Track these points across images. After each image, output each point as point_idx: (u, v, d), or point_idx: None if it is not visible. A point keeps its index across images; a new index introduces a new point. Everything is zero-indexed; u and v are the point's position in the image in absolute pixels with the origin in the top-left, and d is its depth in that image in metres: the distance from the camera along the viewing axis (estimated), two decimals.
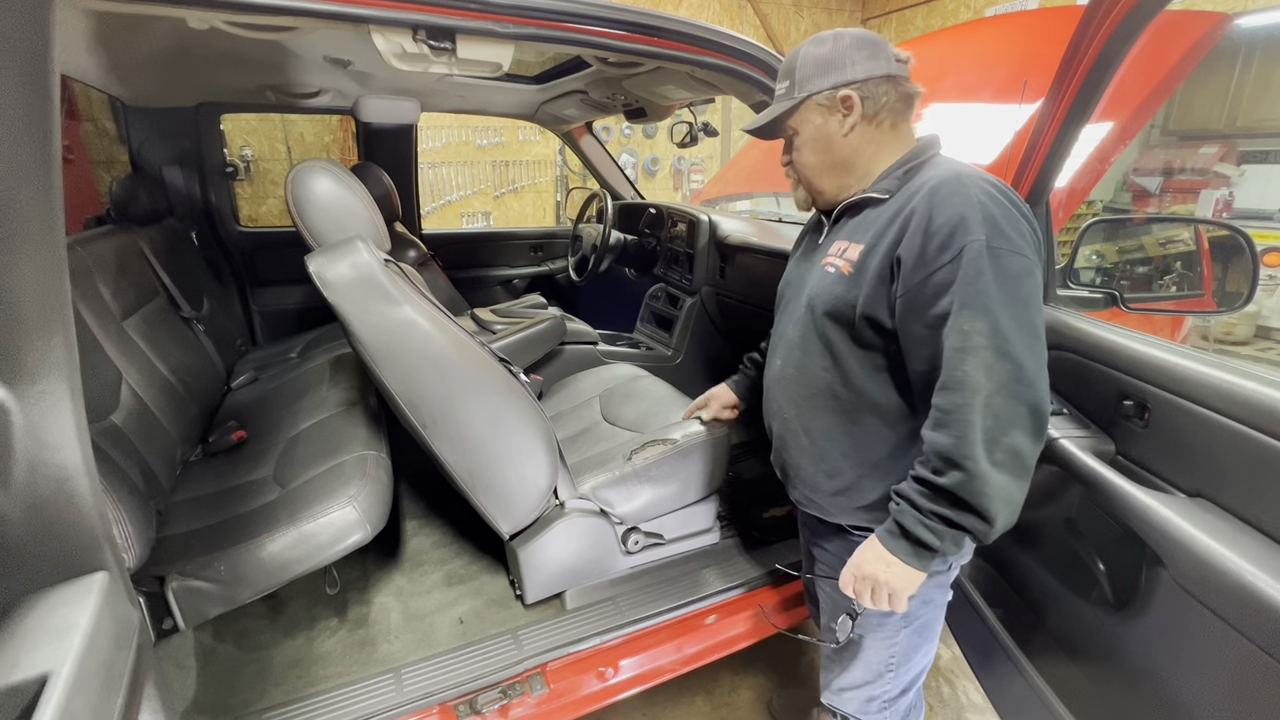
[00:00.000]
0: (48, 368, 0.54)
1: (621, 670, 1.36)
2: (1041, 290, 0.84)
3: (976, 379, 0.78)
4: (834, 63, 0.92)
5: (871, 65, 0.91)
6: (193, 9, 0.98)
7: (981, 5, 5.55)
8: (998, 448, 0.78)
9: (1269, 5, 4.15)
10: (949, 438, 0.80)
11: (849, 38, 0.93)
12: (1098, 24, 1.04)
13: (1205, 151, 5.10)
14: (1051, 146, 1.17)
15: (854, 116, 0.92)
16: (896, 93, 0.92)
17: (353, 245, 1.17)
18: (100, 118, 3.78)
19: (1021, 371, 0.78)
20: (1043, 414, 0.80)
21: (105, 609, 0.54)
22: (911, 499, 0.85)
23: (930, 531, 0.83)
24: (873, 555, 0.90)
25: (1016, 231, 0.81)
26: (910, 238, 0.84)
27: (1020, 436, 0.79)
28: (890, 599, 0.90)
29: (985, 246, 0.79)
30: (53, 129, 0.52)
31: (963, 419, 0.79)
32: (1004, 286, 0.79)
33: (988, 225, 0.80)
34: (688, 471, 1.50)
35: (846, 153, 0.95)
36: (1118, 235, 2.29)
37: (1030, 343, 0.80)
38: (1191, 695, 0.88)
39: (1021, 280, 0.80)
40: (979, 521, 0.80)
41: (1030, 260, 0.81)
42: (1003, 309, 0.78)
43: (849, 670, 1.12)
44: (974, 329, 0.78)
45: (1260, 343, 4.71)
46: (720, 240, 2.33)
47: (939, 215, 0.82)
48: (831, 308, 0.94)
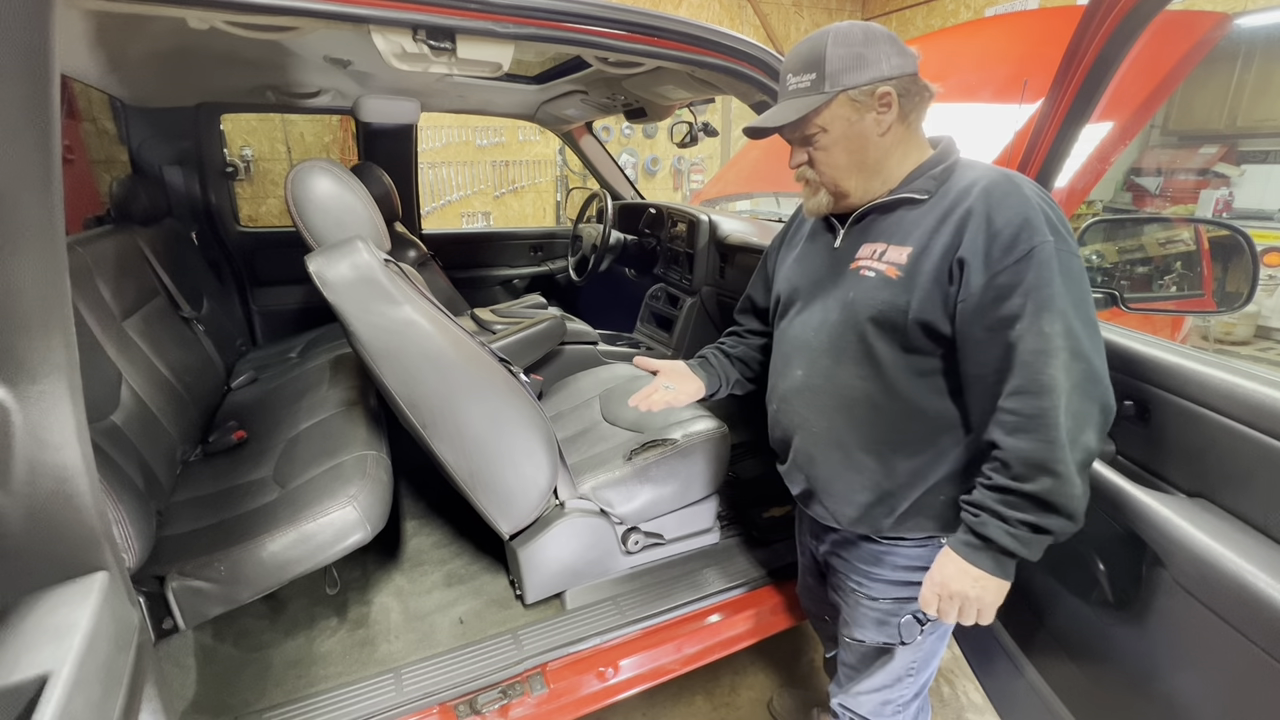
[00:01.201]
0: (48, 368, 0.54)
1: (621, 670, 1.36)
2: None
3: (1060, 381, 0.78)
4: (869, 57, 0.85)
5: (903, 61, 0.87)
6: (193, 9, 0.98)
7: (981, 5, 5.55)
8: (1077, 448, 0.79)
9: (1269, 5, 4.15)
10: (1036, 442, 0.79)
11: (879, 32, 0.87)
12: (1098, 24, 1.04)
13: (1205, 151, 5.10)
14: (1051, 146, 1.17)
15: (891, 115, 0.87)
16: (924, 92, 0.90)
17: (353, 245, 1.17)
18: (100, 118, 3.78)
19: (1093, 370, 0.80)
20: (1111, 411, 0.82)
21: (105, 609, 0.54)
22: (993, 509, 0.83)
23: (1016, 540, 0.82)
24: (957, 570, 0.86)
25: (1072, 235, 0.83)
26: (972, 238, 0.82)
27: (1092, 435, 0.80)
28: (979, 613, 0.88)
29: (1055, 249, 0.79)
30: (53, 129, 0.52)
31: (1049, 423, 0.78)
32: (1071, 288, 0.79)
33: (1050, 225, 0.80)
34: (688, 471, 1.50)
35: (879, 153, 0.90)
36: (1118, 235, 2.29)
37: (1097, 341, 0.81)
38: (1191, 695, 0.88)
39: (1083, 280, 0.82)
40: (1066, 523, 0.80)
41: (1081, 259, 0.83)
42: (1073, 310, 0.79)
43: (871, 675, 1.12)
44: (1054, 331, 0.78)
45: (1260, 343, 4.71)
46: (720, 240, 2.33)
47: (999, 215, 0.81)
48: (878, 313, 0.89)
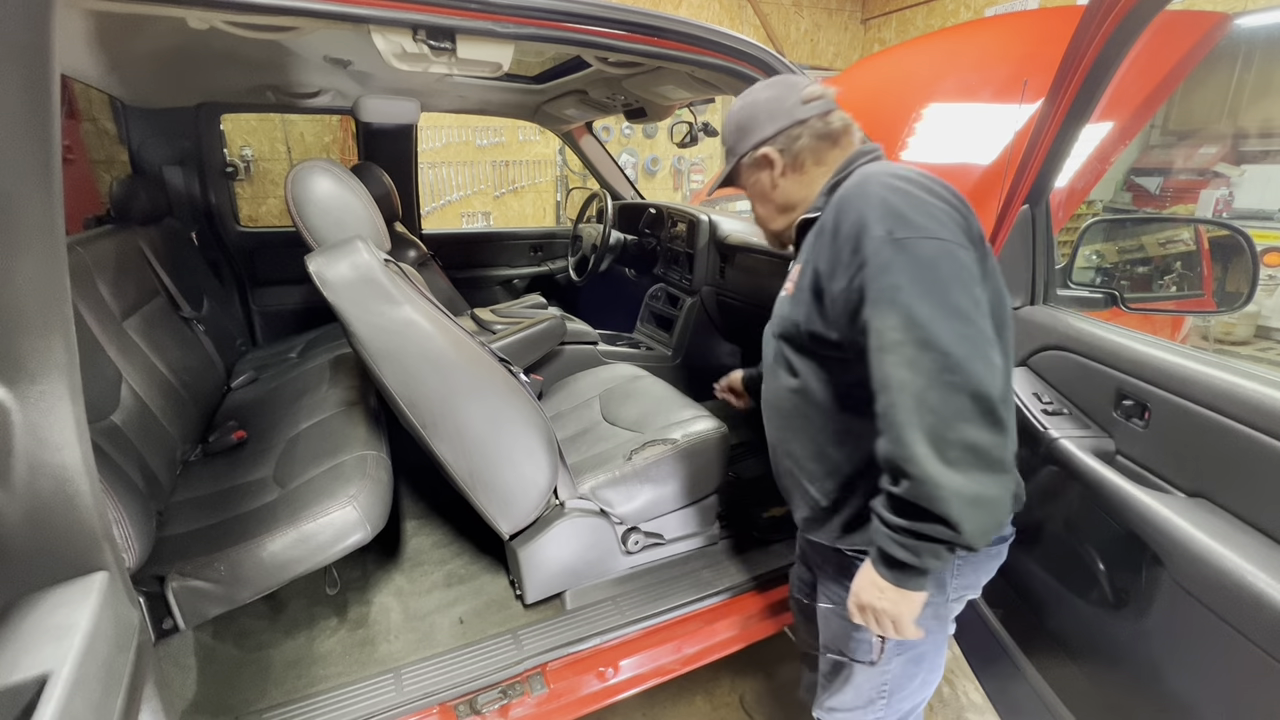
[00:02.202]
0: (48, 368, 0.54)
1: (621, 670, 1.36)
2: (971, 269, 0.78)
3: (900, 376, 0.75)
4: (747, 126, 0.99)
5: (780, 119, 0.96)
6: (193, 9, 0.98)
7: (981, 5, 5.55)
8: (948, 445, 0.72)
9: (1269, 5, 4.15)
10: (888, 444, 0.77)
11: (756, 93, 1.00)
12: (1098, 24, 1.04)
13: (1205, 151, 5.10)
14: (1051, 146, 1.17)
15: (777, 169, 0.98)
16: (810, 134, 0.96)
17: (353, 245, 1.17)
18: (100, 118, 3.78)
19: (950, 359, 0.73)
20: (988, 398, 0.73)
21: (105, 609, 0.54)
22: (881, 515, 0.81)
23: (903, 548, 0.78)
24: (866, 582, 0.86)
25: (925, 216, 0.78)
26: (822, 249, 0.87)
27: (971, 429, 0.72)
28: (895, 626, 0.85)
29: (887, 239, 0.77)
30: (53, 129, 0.52)
31: (895, 420, 0.75)
32: (916, 275, 0.75)
33: (888, 217, 0.78)
34: (688, 471, 1.50)
35: (782, 198, 1.01)
36: (1118, 235, 2.29)
37: (957, 327, 0.74)
38: (1191, 695, 0.89)
39: (937, 264, 0.76)
40: (945, 529, 0.74)
41: (946, 241, 0.77)
42: (917, 298, 0.75)
43: (840, 693, 1.10)
44: (886, 325, 0.76)
45: (1260, 343, 4.71)
46: (720, 240, 2.33)
47: (843, 221, 0.83)
48: (782, 329, 0.98)
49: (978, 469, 0.73)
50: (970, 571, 1.01)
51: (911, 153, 2.44)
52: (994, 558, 1.02)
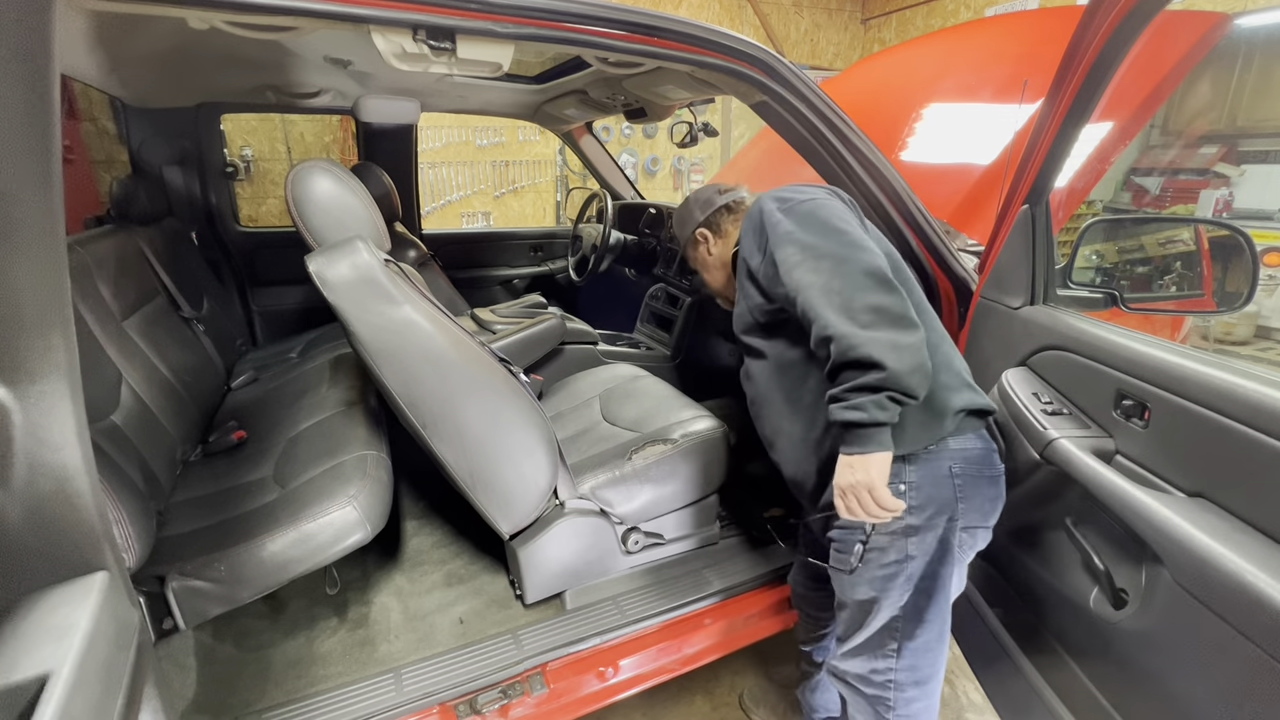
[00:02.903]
0: (48, 368, 0.53)
1: (621, 670, 1.36)
2: (841, 210, 1.05)
3: (807, 279, 0.96)
4: (684, 219, 1.38)
5: (703, 210, 1.35)
6: (193, 9, 0.98)
7: (981, 5, 5.55)
8: (857, 311, 0.91)
9: (1269, 5, 4.14)
10: (815, 329, 0.94)
11: (691, 200, 1.39)
12: (1098, 24, 1.04)
13: (1205, 151, 5.10)
14: (1051, 146, 1.17)
15: (709, 242, 1.35)
16: (726, 212, 1.34)
17: (353, 245, 1.17)
18: (100, 118, 3.78)
19: (840, 255, 0.96)
20: (878, 271, 0.94)
21: (105, 609, 0.54)
22: (830, 395, 0.96)
23: (851, 408, 0.91)
24: (840, 467, 0.97)
25: (798, 192, 1.09)
26: (743, 247, 1.16)
27: (869, 294, 0.92)
28: (872, 495, 0.94)
29: (776, 209, 1.06)
30: (53, 129, 0.52)
31: (813, 308, 0.94)
32: (800, 221, 1.03)
33: (775, 200, 1.09)
34: (688, 471, 1.50)
35: (717, 260, 1.35)
36: (1118, 235, 2.29)
37: (838, 238, 0.99)
38: (1191, 695, 0.89)
39: (814, 210, 1.04)
40: (875, 372, 0.89)
41: (819, 199, 1.06)
42: (804, 232, 1.01)
43: (854, 637, 1.13)
44: (788, 255, 1.00)
45: (1260, 343, 4.71)
46: None
47: (749, 224, 1.14)
48: (742, 326, 1.20)
49: (886, 324, 0.90)
50: (974, 495, 1.05)
51: (911, 153, 2.44)
52: (990, 482, 1.08)
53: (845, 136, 1.36)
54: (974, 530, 1.08)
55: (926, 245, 1.45)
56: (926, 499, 1.03)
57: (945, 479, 1.04)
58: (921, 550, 1.05)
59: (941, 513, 1.04)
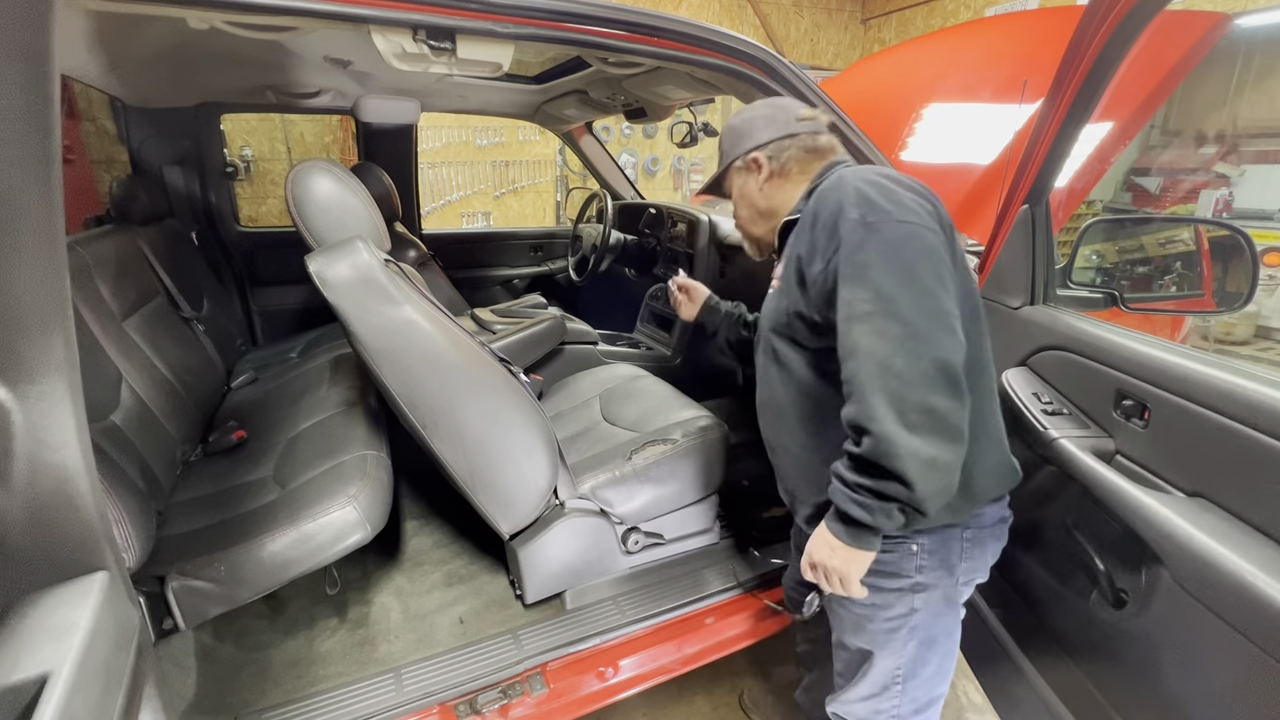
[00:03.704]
0: (48, 368, 0.53)
1: (621, 670, 1.36)
2: (937, 251, 0.84)
3: (868, 343, 0.81)
4: (744, 132, 1.09)
5: (774, 129, 1.06)
6: (193, 9, 0.98)
7: (981, 5, 5.55)
8: (908, 408, 0.78)
9: (1269, 5, 4.14)
10: (853, 404, 0.82)
11: (755, 110, 1.11)
12: (1098, 24, 1.04)
13: (1205, 151, 5.10)
14: (1051, 146, 1.17)
15: (764, 174, 1.07)
16: (799, 147, 1.06)
17: (353, 245, 1.17)
18: (100, 118, 3.78)
19: (915, 329, 0.79)
20: (950, 368, 0.79)
21: (105, 609, 0.54)
22: (840, 474, 0.86)
23: (858, 506, 0.83)
24: (819, 540, 0.91)
25: (895, 204, 0.85)
26: (803, 238, 0.95)
27: (932, 395, 0.78)
28: (841, 582, 0.90)
29: (860, 223, 0.85)
30: (53, 129, 0.52)
31: (860, 383, 0.81)
32: (884, 253, 0.82)
33: (861, 204, 0.86)
34: (688, 471, 1.50)
35: (765, 203, 1.09)
36: (1118, 235, 2.29)
37: (921, 301, 0.81)
38: (1191, 695, 0.89)
39: (905, 244, 0.83)
40: (899, 487, 0.79)
41: (915, 224, 0.84)
42: (885, 275, 0.81)
43: (857, 684, 1.11)
44: (856, 297, 0.83)
45: (1260, 343, 4.71)
46: (720, 240, 2.33)
47: (821, 211, 0.91)
48: (774, 322, 1.04)
49: (935, 433, 0.78)
50: (977, 554, 1.02)
51: (911, 153, 2.44)
52: (997, 538, 1.05)
53: (845, 136, 1.36)
54: (971, 581, 1.06)
55: None
56: (938, 562, 1.00)
57: (956, 542, 1.00)
58: (927, 605, 1.02)
59: (950, 574, 1.01)
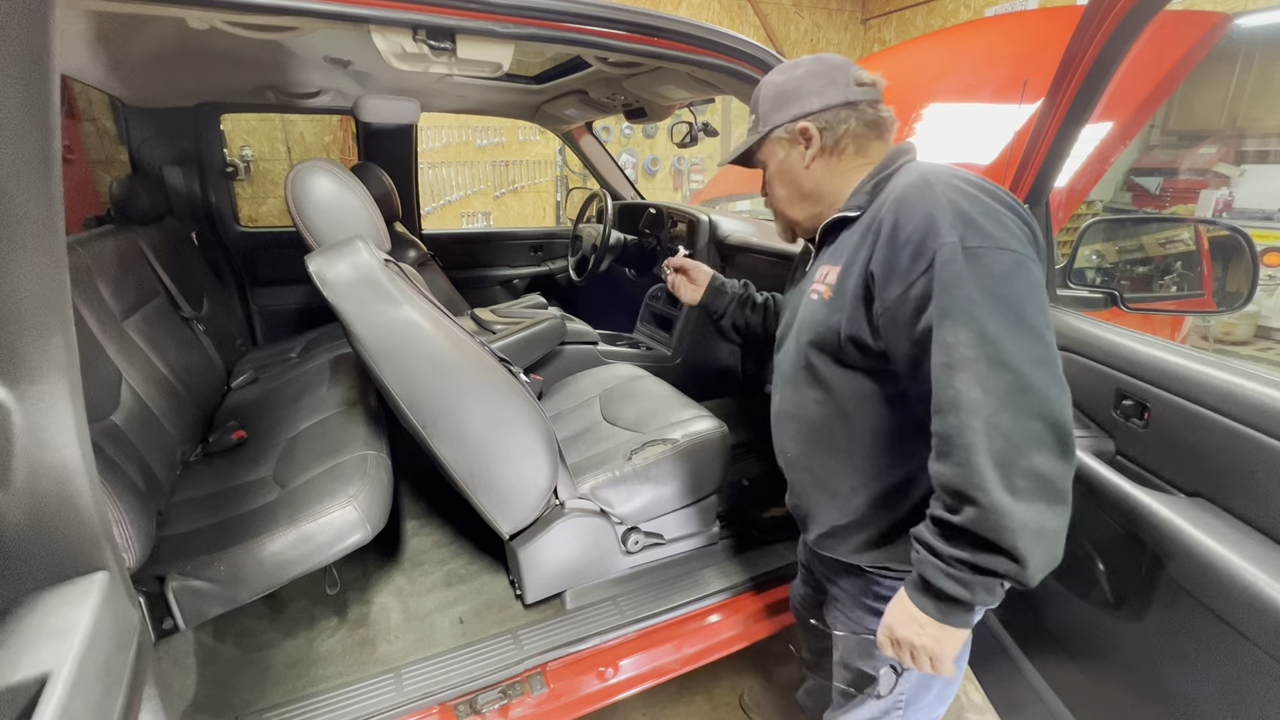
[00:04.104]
0: (48, 368, 0.53)
1: (621, 670, 1.36)
2: (1042, 286, 0.73)
3: (971, 396, 0.69)
4: (791, 94, 0.90)
5: (829, 94, 0.88)
6: (193, 9, 0.98)
7: (981, 5, 5.55)
8: (1016, 473, 0.68)
9: (1269, 5, 4.14)
10: (952, 467, 0.71)
11: (805, 66, 0.91)
12: (1098, 24, 1.04)
13: (1205, 151, 5.10)
14: (1051, 146, 1.17)
15: (813, 149, 0.90)
16: (858, 119, 0.89)
17: (353, 245, 1.17)
18: (100, 118, 3.78)
19: (1025, 381, 0.68)
20: (1063, 426, 0.69)
21: (105, 609, 0.54)
22: (930, 544, 0.74)
23: (955, 581, 0.72)
24: (903, 614, 0.80)
25: (998, 225, 0.73)
26: (880, 251, 0.79)
27: (1042, 457, 0.68)
28: (933, 663, 0.79)
29: (960, 248, 0.71)
30: (53, 129, 0.52)
31: (964, 444, 0.69)
32: (989, 288, 0.70)
33: (961, 224, 0.72)
34: (688, 471, 1.50)
35: (811, 184, 0.93)
36: (1118, 235, 2.29)
37: (1032, 347, 0.69)
38: (1191, 695, 0.88)
39: (1011, 278, 0.70)
40: (1008, 563, 0.69)
41: (1020, 254, 0.72)
42: (990, 313, 0.69)
43: (860, 706, 1.08)
44: (958, 340, 0.70)
45: (1260, 343, 4.71)
46: (720, 240, 2.33)
47: (906, 222, 0.76)
48: (816, 335, 0.89)
49: (1044, 500, 0.69)
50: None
51: None
52: None
53: None
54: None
55: None
56: None
57: None
58: None
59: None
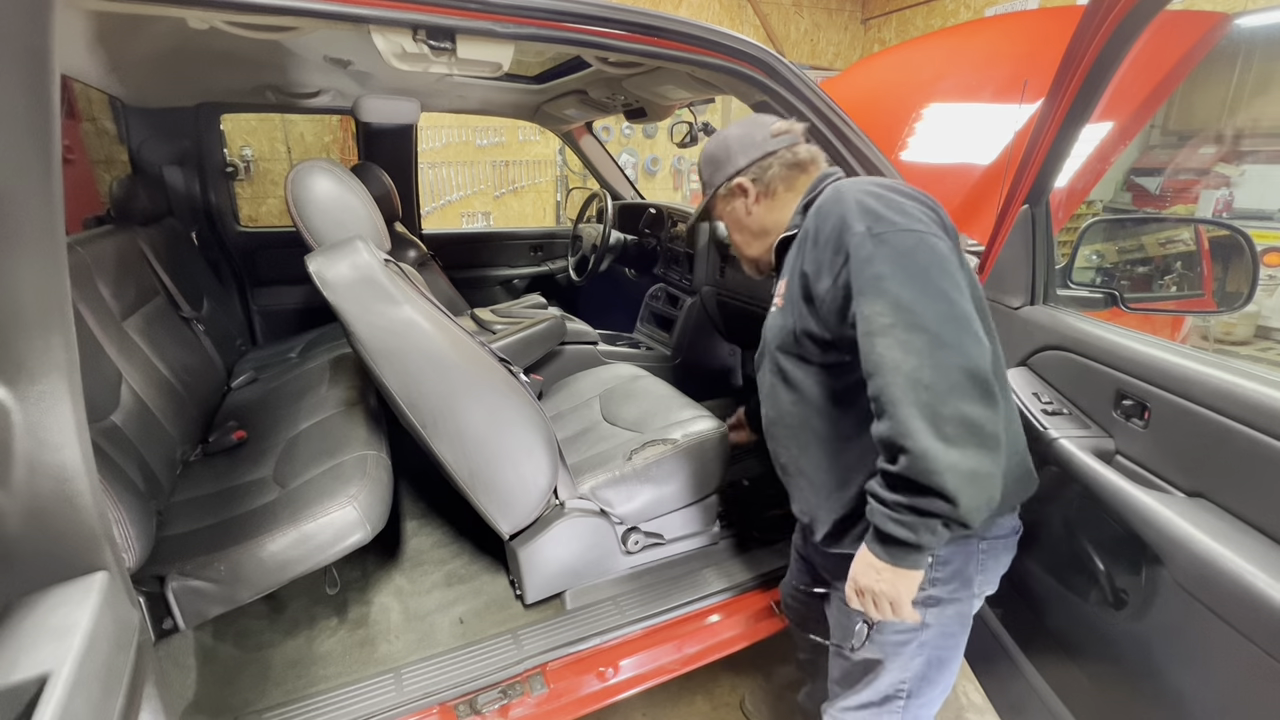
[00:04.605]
0: (48, 368, 0.53)
1: (621, 670, 1.36)
2: (948, 256, 0.83)
3: (893, 357, 0.78)
4: (721, 159, 1.08)
5: (751, 151, 1.05)
6: (193, 9, 0.98)
7: (981, 5, 5.55)
8: (943, 421, 0.75)
9: (1269, 5, 4.14)
10: (886, 422, 0.79)
11: (729, 133, 1.10)
12: (1098, 24, 1.04)
13: (1205, 151, 5.10)
14: (1051, 146, 1.17)
15: (751, 196, 1.07)
16: (780, 164, 1.05)
17: (353, 245, 1.17)
18: (100, 118, 3.78)
19: (940, 338, 0.77)
20: (981, 374, 0.77)
21: (105, 609, 0.54)
22: (878, 494, 0.84)
23: (901, 525, 0.81)
24: (863, 564, 0.88)
25: (899, 213, 0.85)
26: (808, 253, 0.94)
27: (966, 404, 0.75)
28: (892, 607, 0.86)
29: (867, 234, 0.84)
30: (53, 129, 0.52)
31: (892, 399, 0.78)
32: (897, 264, 0.81)
33: (866, 217, 0.85)
34: (688, 471, 1.50)
35: (758, 225, 1.09)
36: (1118, 235, 2.29)
37: (941, 308, 0.79)
38: (1192, 695, 0.89)
39: (915, 253, 0.82)
40: (942, 503, 0.77)
41: (921, 232, 0.83)
42: (901, 284, 0.80)
43: (857, 692, 1.10)
44: (875, 311, 0.81)
45: (1260, 343, 4.71)
46: (720, 240, 2.33)
47: (825, 225, 0.90)
48: (779, 340, 1.02)
49: (973, 444, 0.76)
50: (993, 566, 1.02)
51: (911, 153, 2.44)
52: (1009, 550, 1.04)
53: (845, 136, 1.36)
54: (986, 592, 1.05)
55: None
56: (952, 574, 0.99)
57: (973, 554, 0.99)
58: (939, 620, 1.00)
59: (965, 586, 1.00)
